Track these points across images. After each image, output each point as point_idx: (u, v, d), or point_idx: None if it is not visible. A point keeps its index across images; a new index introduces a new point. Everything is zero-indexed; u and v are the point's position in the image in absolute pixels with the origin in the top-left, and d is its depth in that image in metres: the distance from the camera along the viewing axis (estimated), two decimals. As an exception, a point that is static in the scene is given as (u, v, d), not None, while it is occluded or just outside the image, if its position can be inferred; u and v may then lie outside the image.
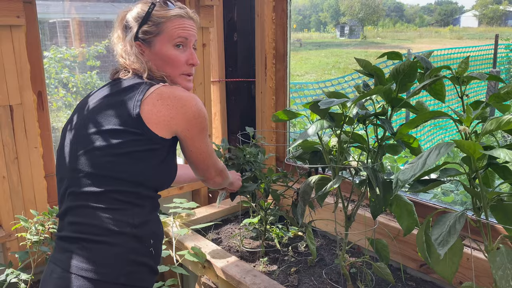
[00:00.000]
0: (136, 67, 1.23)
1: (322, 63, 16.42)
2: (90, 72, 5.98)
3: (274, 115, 1.60)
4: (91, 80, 6.15)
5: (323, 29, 43.21)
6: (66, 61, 5.77)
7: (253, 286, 1.60)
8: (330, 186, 1.49)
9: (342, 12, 40.61)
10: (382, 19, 40.68)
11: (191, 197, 2.49)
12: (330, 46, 24.64)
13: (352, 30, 34.19)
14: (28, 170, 1.83)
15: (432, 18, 50.95)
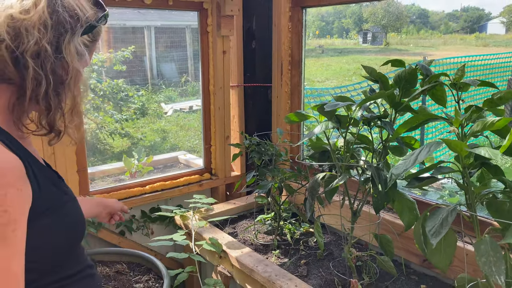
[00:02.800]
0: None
1: (343, 70, 16.44)
2: (116, 80, 6.23)
3: (286, 117, 1.74)
4: (117, 84, 6.43)
5: (345, 35, 43.09)
6: (95, 66, 6.07)
7: (264, 273, 1.74)
8: (337, 182, 1.62)
9: (365, 19, 40.44)
10: (405, 26, 40.30)
11: (210, 194, 2.65)
12: (352, 52, 24.58)
13: (375, 37, 34.01)
14: (63, 165, 2.02)
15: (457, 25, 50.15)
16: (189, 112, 8.69)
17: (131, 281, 1.92)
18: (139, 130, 7.12)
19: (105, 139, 5.96)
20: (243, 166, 2.73)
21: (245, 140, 2.13)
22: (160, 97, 9.61)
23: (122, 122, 6.04)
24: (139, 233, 2.40)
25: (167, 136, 7.23)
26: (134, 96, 7.33)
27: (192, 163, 3.10)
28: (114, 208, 1.54)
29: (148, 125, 7.57)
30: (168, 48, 11.42)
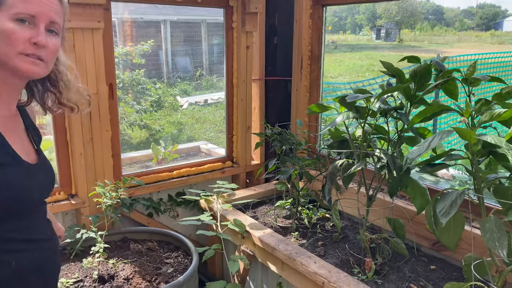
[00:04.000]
0: None
1: (356, 66, 16.45)
2: (138, 70, 6.43)
3: (308, 108, 1.89)
4: (136, 77, 6.62)
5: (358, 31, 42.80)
6: (116, 59, 6.26)
7: (285, 251, 1.89)
8: (355, 168, 1.76)
9: (379, 15, 40.15)
10: (420, 23, 39.90)
11: (231, 181, 2.80)
12: (365, 48, 24.48)
13: (388, 33, 33.77)
14: (100, 149, 2.19)
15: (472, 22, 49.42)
16: (204, 105, 8.86)
17: (162, 257, 2.09)
18: (156, 122, 7.31)
19: (124, 130, 6.15)
20: (262, 155, 2.88)
21: (267, 129, 2.27)
22: (176, 91, 9.79)
23: (141, 113, 6.22)
24: (166, 215, 2.57)
25: (183, 129, 7.41)
26: (151, 89, 7.52)
27: (213, 152, 3.26)
28: (60, 232, 1.45)
29: (164, 118, 7.75)
30: (184, 42, 11.59)
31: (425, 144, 1.32)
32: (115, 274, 1.90)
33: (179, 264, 2.02)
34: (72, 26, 1.97)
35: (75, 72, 1.22)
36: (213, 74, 11.04)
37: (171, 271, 1.96)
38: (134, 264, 1.98)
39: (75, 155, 2.13)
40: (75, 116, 2.04)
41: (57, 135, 2.12)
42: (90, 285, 1.81)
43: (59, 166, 2.15)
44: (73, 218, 2.24)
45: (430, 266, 1.90)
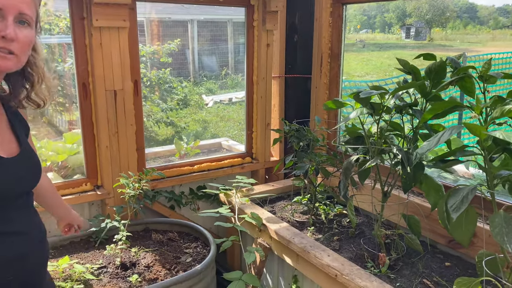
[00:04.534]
0: None
1: (384, 65, 16.22)
2: (165, 69, 6.59)
3: (325, 104, 1.92)
4: (163, 75, 6.78)
5: (388, 30, 42.06)
6: (143, 58, 6.43)
7: (300, 244, 1.94)
8: (369, 163, 1.79)
9: (409, 13, 39.34)
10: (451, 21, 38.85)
11: (250, 176, 2.86)
12: (394, 47, 24.05)
13: (418, 32, 33.05)
14: (124, 143, 2.29)
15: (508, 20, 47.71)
16: (229, 104, 8.97)
17: (182, 247, 2.17)
18: (182, 120, 7.46)
19: (151, 127, 6.31)
20: (281, 152, 2.93)
21: (285, 126, 2.32)
22: (201, 89, 9.94)
23: (167, 111, 6.37)
24: (187, 208, 2.65)
25: (208, 126, 7.53)
26: (178, 88, 7.69)
27: (234, 148, 3.33)
28: (74, 221, 1.56)
29: (190, 116, 7.90)
30: (210, 42, 11.74)
31: (434, 139, 1.34)
32: (136, 262, 1.99)
33: (197, 254, 2.10)
34: (99, 25, 2.07)
35: (48, 66, 1.20)
36: (238, 73, 11.14)
37: (189, 260, 2.03)
38: (155, 253, 2.07)
39: (101, 148, 2.24)
40: (102, 110, 2.16)
41: (85, 129, 2.23)
42: (112, 271, 1.91)
43: (86, 158, 2.27)
44: (98, 208, 2.35)
45: (445, 263, 1.91)
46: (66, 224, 1.55)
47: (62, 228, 1.56)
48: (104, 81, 2.17)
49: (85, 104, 2.20)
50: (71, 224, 1.56)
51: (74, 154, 2.77)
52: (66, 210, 1.53)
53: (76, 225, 1.56)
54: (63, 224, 1.55)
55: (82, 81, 2.18)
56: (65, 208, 1.53)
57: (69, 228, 1.56)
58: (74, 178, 2.37)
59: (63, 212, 1.52)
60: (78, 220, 1.58)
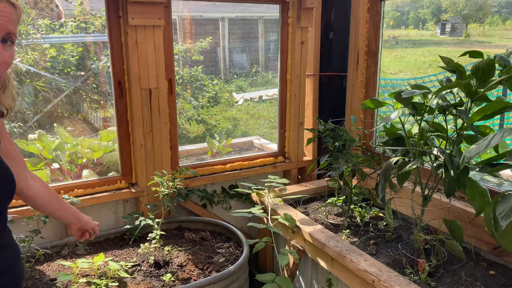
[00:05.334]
0: None
1: (418, 62, 15.80)
2: (197, 67, 6.64)
3: (363, 103, 1.86)
4: (195, 73, 6.82)
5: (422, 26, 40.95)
6: (175, 56, 6.49)
7: (335, 248, 1.89)
8: (409, 167, 1.72)
9: (444, 9, 38.14)
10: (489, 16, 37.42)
11: (283, 176, 2.83)
12: (429, 44, 23.40)
13: (454, 28, 32.03)
14: (159, 141, 2.30)
15: (550, 15, 45.50)
16: (259, 101, 8.94)
17: (214, 247, 2.16)
18: (212, 118, 7.49)
19: (182, 124, 6.37)
20: (314, 151, 2.88)
21: (320, 125, 2.27)
22: (232, 87, 9.96)
23: (198, 108, 6.41)
24: (219, 207, 2.64)
25: (238, 124, 7.54)
26: (209, 85, 7.72)
27: (265, 147, 3.30)
28: (87, 225, 1.51)
29: (220, 113, 7.93)
30: (241, 39, 11.75)
31: (484, 142, 1.26)
32: (169, 261, 1.99)
33: (230, 254, 2.08)
34: (134, 24, 2.08)
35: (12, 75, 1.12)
36: (268, 71, 11.10)
37: (222, 260, 2.02)
38: (188, 252, 2.07)
39: (136, 146, 2.25)
40: (137, 109, 2.17)
41: (120, 127, 2.25)
42: (146, 270, 1.91)
43: (121, 156, 2.29)
44: (132, 205, 2.37)
45: (489, 271, 1.81)
46: (77, 228, 1.52)
47: (74, 233, 1.53)
48: (139, 79, 2.18)
49: (120, 102, 2.22)
50: (84, 229, 1.52)
51: (110, 151, 2.81)
52: (74, 214, 1.47)
53: (90, 229, 1.53)
54: (74, 229, 1.51)
55: (118, 80, 2.19)
56: (72, 213, 1.47)
57: (82, 233, 1.53)
58: (109, 175, 2.40)
59: (71, 216, 1.47)
60: (91, 224, 1.53)
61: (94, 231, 1.57)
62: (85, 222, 1.51)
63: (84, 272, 1.84)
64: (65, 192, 2.15)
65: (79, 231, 1.53)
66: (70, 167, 2.76)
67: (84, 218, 1.51)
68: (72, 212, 1.46)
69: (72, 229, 1.52)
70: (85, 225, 1.51)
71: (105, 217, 2.31)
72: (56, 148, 2.88)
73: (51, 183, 2.29)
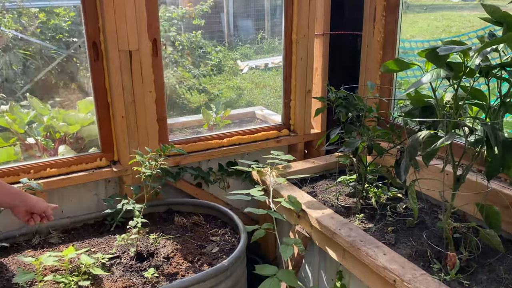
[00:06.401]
0: None
1: (431, 27, 15.11)
2: (195, 32, 6.24)
3: (384, 65, 1.52)
4: (196, 39, 6.42)
5: (434, -10, 39.38)
6: (174, 20, 6.08)
7: (347, 238, 1.59)
8: (441, 142, 1.39)
9: (459, -29, 36.55)
10: (506, -21, 35.82)
11: (288, 151, 2.52)
12: (441, 9, 22.44)
13: (469, -9, 30.74)
14: (142, 113, 1.99)
15: None
16: (265, 69, 8.53)
17: (207, 233, 1.88)
18: (215, 87, 7.14)
19: (183, 94, 6.04)
20: (323, 123, 2.55)
21: (331, 93, 1.94)
22: (236, 54, 9.53)
23: (199, 77, 6.06)
24: (216, 186, 2.35)
25: (243, 93, 7.17)
26: (212, 53, 7.32)
27: (269, 119, 2.97)
28: (35, 208, 1.36)
29: (224, 82, 7.56)
30: (245, 3, 11.19)
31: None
32: (155, 251, 1.72)
33: (225, 243, 1.80)
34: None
35: None
36: (275, 37, 10.60)
37: (216, 250, 1.74)
38: (176, 241, 1.79)
39: (117, 118, 1.95)
40: (115, 75, 1.85)
41: (97, 96, 1.94)
42: (127, 263, 1.64)
43: (100, 130, 1.99)
44: (116, 186, 2.08)
45: (533, 267, 1.52)
46: (24, 212, 1.34)
47: (21, 217, 1.35)
48: (117, 39, 1.85)
49: (96, 67, 1.90)
50: (32, 211, 1.35)
51: (88, 124, 2.50)
52: (17, 196, 1.33)
53: (41, 212, 1.35)
54: (20, 212, 1.34)
55: (92, 40, 1.87)
56: (15, 194, 1.33)
57: (31, 217, 1.36)
58: (89, 152, 2.11)
59: (14, 198, 1.32)
60: (41, 206, 1.35)
61: (47, 215, 1.39)
62: (33, 204, 1.32)
63: (53, 267, 1.57)
64: (35, 172, 1.87)
65: (27, 215, 1.35)
66: (46, 142, 2.46)
67: (31, 200, 1.32)
68: (14, 193, 1.31)
69: (18, 212, 1.34)
70: (32, 207, 1.33)
71: (85, 199, 2.03)
72: (33, 121, 2.58)
73: (23, 161, 2.01)
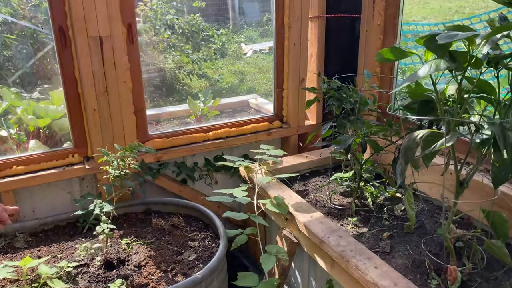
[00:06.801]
0: None
1: (443, 8, 14.63)
2: (193, 15, 6.01)
3: (378, 54, 1.33)
4: (195, 22, 6.20)
5: (448, -30, 38.25)
6: (173, 2, 5.86)
7: (337, 247, 1.43)
8: (442, 144, 1.21)
9: (474, -51, 35.36)
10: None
11: (280, 144, 2.35)
12: (454, -11, 21.76)
13: (484, -29, 29.76)
14: (117, 104, 1.82)
15: None
16: (269, 53, 8.28)
17: (186, 238, 1.73)
18: (217, 71, 6.94)
19: (183, 79, 5.85)
20: (319, 114, 2.37)
21: (323, 83, 1.75)
22: (241, 38, 9.28)
23: (199, 62, 5.86)
24: (202, 182, 2.20)
25: (245, 79, 6.96)
26: (214, 36, 7.09)
27: (263, 108, 2.80)
28: None
29: (226, 67, 7.35)
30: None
31: None
32: (126, 258, 1.58)
33: (204, 249, 1.65)
34: None
35: None
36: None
37: (193, 258, 1.59)
38: (151, 247, 1.65)
39: (88, 110, 1.79)
40: (85, 63, 1.69)
41: (67, 86, 1.78)
42: (93, 272, 1.50)
43: (72, 124, 1.83)
44: (91, 184, 1.94)
45: (545, 283, 1.34)
46: None
47: None
48: (85, 24, 1.68)
49: (64, 54, 1.73)
50: None
51: (60, 117, 2.33)
52: None
53: None
54: None
55: (58, 25, 1.69)
56: None
57: None
58: (63, 147, 1.96)
59: None
60: None
61: (2, 219, 1.29)
62: None
63: (12, 278, 1.44)
64: (0, 169, 1.72)
65: None
66: (17, 136, 2.32)
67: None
68: None
69: None
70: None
71: (59, 198, 1.89)
72: (8, 111, 2.42)
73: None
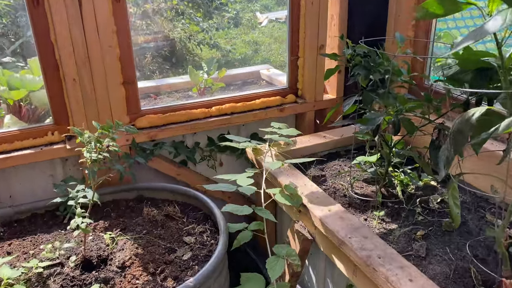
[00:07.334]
0: None
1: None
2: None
3: (421, 6, 1.01)
4: (206, -12, 5.82)
5: None
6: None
7: (360, 252, 1.16)
8: (506, 127, 0.91)
9: None
10: None
11: (294, 122, 2.05)
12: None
13: None
14: (101, 74, 1.55)
15: None
16: (285, 22, 7.88)
17: (182, 231, 1.48)
18: (230, 41, 6.59)
19: (193, 50, 5.54)
20: (340, 87, 2.06)
21: (346, 48, 1.44)
22: (256, 6, 8.84)
23: (209, 31, 5.53)
24: (204, 165, 1.94)
25: (259, 49, 6.60)
26: (228, 4, 6.72)
27: (276, 80, 2.50)
28: None
29: (240, 36, 6.98)
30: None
31: None
32: (108, 257, 1.33)
33: (201, 246, 1.39)
34: None
35: None
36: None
37: (188, 257, 1.34)
38: (139, 242, 1.40)
39: (68, 81, 1.52)
40: (61, 24, 1.41)
41: (42, 52, 1.50)
42: (68, 273, 1.26)
43: (50, 96, 1.57)
44: (73, 167, 1.69)
45: None
46: None
47: None
48: (59, -24, 1.39)
49: (36, 13, 1.45)
50: None
51: (39, 89, 2.06)
52: None
53: None
54: None
55: (27, -22, 1.41)
56: None
57: None
58: (45, 123, 1.70)
59: None
60: None
61: None
62: None
63: (-28, 278, 1.21)
64: (-32, 149, 1.49)
65: None
66: (-6, 110, 2.08)
67: None
68: None
69: None
70: None
71: (39, 182, 1.65)
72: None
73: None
